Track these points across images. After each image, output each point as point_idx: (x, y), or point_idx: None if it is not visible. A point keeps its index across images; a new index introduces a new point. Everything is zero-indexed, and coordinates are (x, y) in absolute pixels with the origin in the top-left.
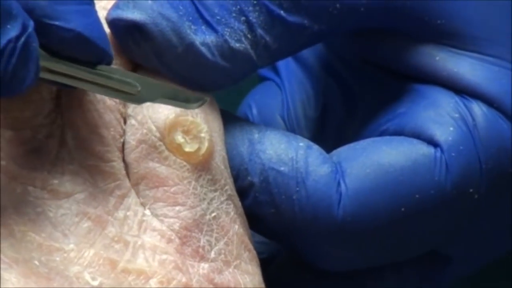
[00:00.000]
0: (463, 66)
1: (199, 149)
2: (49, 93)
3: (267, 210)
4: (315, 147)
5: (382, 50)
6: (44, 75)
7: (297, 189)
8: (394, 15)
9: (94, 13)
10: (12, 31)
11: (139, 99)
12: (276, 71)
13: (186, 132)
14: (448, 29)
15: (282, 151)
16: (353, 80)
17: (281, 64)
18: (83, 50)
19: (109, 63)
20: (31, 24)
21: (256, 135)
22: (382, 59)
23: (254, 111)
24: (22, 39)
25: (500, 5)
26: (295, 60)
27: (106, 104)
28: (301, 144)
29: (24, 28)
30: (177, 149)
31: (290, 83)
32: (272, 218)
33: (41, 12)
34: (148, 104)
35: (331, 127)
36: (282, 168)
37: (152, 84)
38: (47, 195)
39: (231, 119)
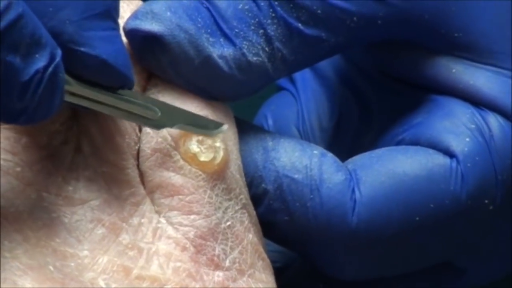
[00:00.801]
0: (479, 78)
1: (214, 158)
2: None
3: (281, 217)
4: (329, 155)
5: (399, 62)
6: (67, 98)
7: (311, 196)
8: (411, 28)
9: (119, 38)
10: (40, 61)
11: (158, 125)
12: (292, 81)
13: (201, 142)
14: (464, 42)
15: (296, 158)
16: (369, 90)
17: (297, 74)
18: (106, 76)
19: (130, 88)
20: (59, 53)
21: (270, 143)
22: (399, 71)
23: (270, 121)
24: (50, 69)
25: None
26: (311, 70)
27: None
28: (315, 152)
29: (52, 58)
30: (192, 159)
31: (305, 93)
32: (286, 226)
33: (68, 38)
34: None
35: (346, 138)
36: (296, 176)
37: (172, 109)
38: (61, 202)
39: (246, 126)
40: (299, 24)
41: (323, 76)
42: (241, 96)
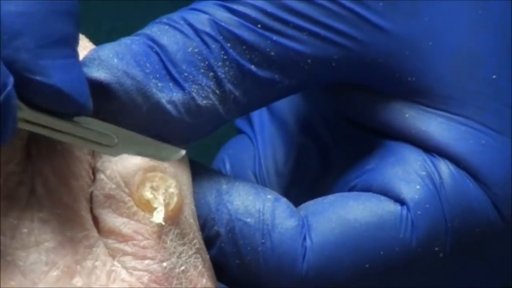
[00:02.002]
0: (432, 124)
1: (168, 204)
2: (21, 140)
3: (233, 260)
4: (283, 200)
5: (354, 105)
6: (21, 125)
7: (263, 241)
8: (365, 71)
9: (76, 66)
10: None
11: (115, 151)
12: (250, 123)
13: (154, 188)
14: (418, 87)
15: (250, 202)
16: (327, 135)
17: (255, 117)
18: (62, 105)
19: (88, 115)
20: (10, 81)
21: (225, 186)
22: (354, 114)
23: (228, 166)
24: (1, 98)
25: (471, 64)
26: (269, 113)
27: (75, 155)
28: (269, 196)
29: (4, 86)
30: (145, 205)
31: (262, 137)
32: (238, 269)
33: (22, 66)
34: (117, 158)
35: (303, 183)
36: (248, 219)
37: (129, 136)
38: (16, 244)
39: (200, 169)
40: (252, 66)
41: (281, 119)
42: (193, 139)
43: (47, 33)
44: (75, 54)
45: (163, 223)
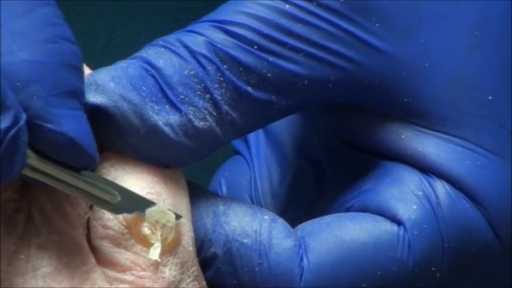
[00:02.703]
0: (428, 145)
1: (165, 239)
2: None
3: (230, 281)
4: (280, 220)
5: (350, 126)
6: (27, 172)
7: (260, 261)
8: (361, 92)
9: (84, 119)
10: (3, 122)
11: (117, 209)
12: (247, 145)
13: (152, 223)
14: (415, 108)
15: (246, 223)
16: (323, 156)
17: (252, 138)
18: (72, 155)
19: (93, 169)
20: (23, 117)
21: (221, 207)
22: (350, 134)
23: (224, 188)
24: (12, 132)
25: (467, 85)
26: (266, 135)
27: None
28: (266, 217)
29: (16, 120)
30: (143, 240)
31: (258, 159)
32: None
33: (35, 113)
34: None
35: (299, 205)
36: (245, 240)
37: (132, 196)
38: (14, 271)
39: (197, 190)
40: (249, 88)
41: (277, 140)
42: (191, 161)
43: (58, 84)
44: (82, 107)
45: (159, 260)
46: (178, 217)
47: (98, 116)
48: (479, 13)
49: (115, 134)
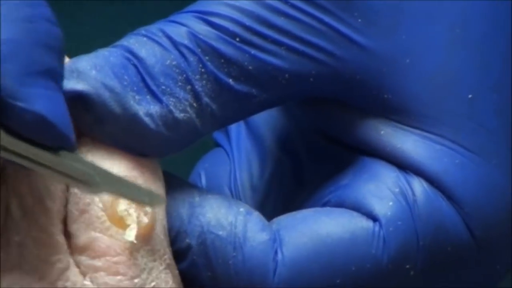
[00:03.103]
0: (407, 142)
1: (140, 222)
2: None
3: (204, 273)
4: (256, 213)
5: (330, 120)
6: (1, 153)
7: (234, 254)
8: (342, 87)
9: (60, 99)
10: None
11: (95, 190)
12: (228, 137)
13: (128, 205)
14: (394, 104)
15: (222, 215)
16: (302, 149)
17: (233, 130)
18: (45, 134)
19: (71, 150)
20: None
21: (197, 198)
22: (330, 129)
23: (203, 180)
24: None
25: (447, 83)
26: (246, 127)
27: None
28: (241, 209)
29: None
30: (119, 222)
31: (239, 151)
32: (209, 282)
33: (6, 92)
34: None
35: (278, 198)
36: (220, 232)
37: (110, 176)
38: None
39: (173, 181)
40: (230, 80)
41: (258, 133)
42: (169, 152)
43: (32, 62)
44: (58, 88)
45: (135, 241)
46: (156, 197)
47: (77, 103)
48: (461, 12)
49: (94, 122)
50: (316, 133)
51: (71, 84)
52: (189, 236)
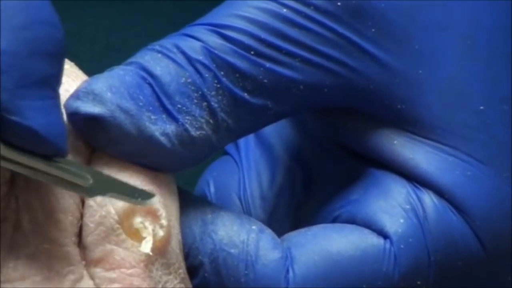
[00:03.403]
0: (419, 153)
1: (156, 235)
2: (2, 177)
3: None
4: (268, 231)
5: (343, 129)
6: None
7: (246, 272)
8: (356, 97)
9: (56, 108)
10: None
11: (90, 192)
12: (236, 146)
13: (144, 218)
14: (408, 115)
15: (234, 233)
16: (313, 160)
17: (241, 140)
18: (37, 146)
19: (63, 156)
20: None
21: (210, 216)
22: (343, 138)
23: (212, 188)
24: None
25: (459, 94)
26: (256, 136)
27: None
28: (253, 227)
29: None
30: (134, 234)
31: (248, 161)
32: None
33: (1, 106)
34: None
35: (287, 208)
36: (232, 250)
37: (105, 178)
38: (2, 278)
39: (187, 197)
40: (245, 94)
41: (267, 142)
42: (185, 168)
43: (27, 74)
44: (55, 95)
45: (151, 253)
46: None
47: (93, 124)
48: (471, 24)
49: (111, 143)
50: (327, 143)
51: (87, 107)
52: (201, 253)
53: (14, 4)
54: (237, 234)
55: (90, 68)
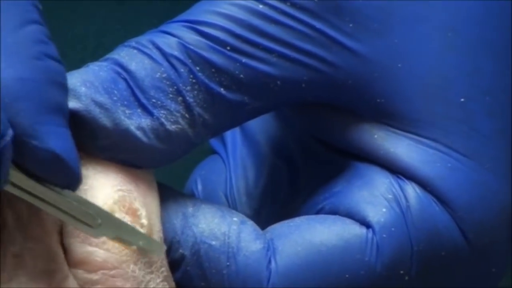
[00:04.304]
0: (400, 146)
1: None
2: None
3: (198, 283)
4: (250, 222)
5: (323, 125)
6: (8, 188)
7: (228, 263)
8: (334, 92)
9: (70, 136)
10: None
11: (97, 233)
12: (224, 144)
13: (124, 218)
14: (387, 109)
15: (215, 225)
16: (297, 155)
17: (228, 137)
18: (57, 172)
19: (74, 189)
20: (9, 133)
21: (190, 209)
22: (324, 133)
23: (200, 187)
24: None
25: (439, 87)
26: (242, 134)
27: None
28: (235, 219)
29: (2, 135)
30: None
31: (234, 159)
32: None
33: (21, 130)
34: (86, 187)
35: (274, 204)
36: (213, 242)
37: (112, 220)
38: None
39: (166, 191)
40: (221, 89)
41: (253, 140)
42: (164, 163)
43: (45, 101)
44: (67, 124)
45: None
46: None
47: (69, 120)
48: (453, 15)
49: (86, 138)
50: (310, 138)
51: None
52: (182, 247)
53: (27, 36)
54: (218, 226)
55: (81, 67)
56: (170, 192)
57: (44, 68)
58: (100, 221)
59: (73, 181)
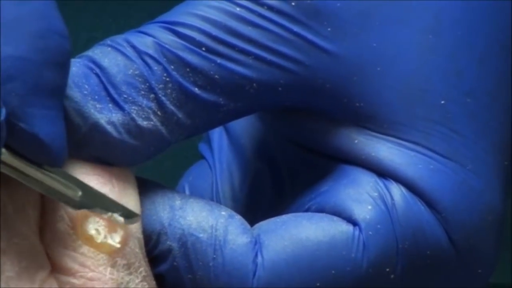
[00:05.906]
0: (381, 150)
1: (112, 238)
2: None
3: (185, 275)
4: (237, 217)
5: (303, 130)
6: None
7: (214, 256)
8: (312, 96)
9: (60, 120)
10: None
11: (77, 205)
12: (211, 149)
13: (98, 223)
14: (367, 112)
15: (203, 218)
16: (282, 159)
17: (215, 143)
18: (41, 155)
19: (59, 166)
20: (2, 112)
21: (178, 202)
22: (304, 139)
23: (187, 193)
24: None
25: (419, 90)
26: (228, 138)
27: None
28: (223, 213)
29: None
30: (89, 240)
31: (221, 163)
32: (190, 285)
33: (10, 110)
34: None
35: (259, 209)
36: (201, 235)
37: (93, 193)
38: None
39: (154, 186)
40: (196, 89)
41: (239, 144)
42: (138, 161)
43: (40, 82)
44: (60, 106)
45: (118, 246)
46: (134, 215)
47: None
48: (434, 17)
49: None
50: (293, 142)
51: None
52: (170, 239)
53: (31, 11)
54: (206, 219)
55: None
56: (157, 186)
57: (44, 47)
58: (81, 193)
59: (57, 163)
